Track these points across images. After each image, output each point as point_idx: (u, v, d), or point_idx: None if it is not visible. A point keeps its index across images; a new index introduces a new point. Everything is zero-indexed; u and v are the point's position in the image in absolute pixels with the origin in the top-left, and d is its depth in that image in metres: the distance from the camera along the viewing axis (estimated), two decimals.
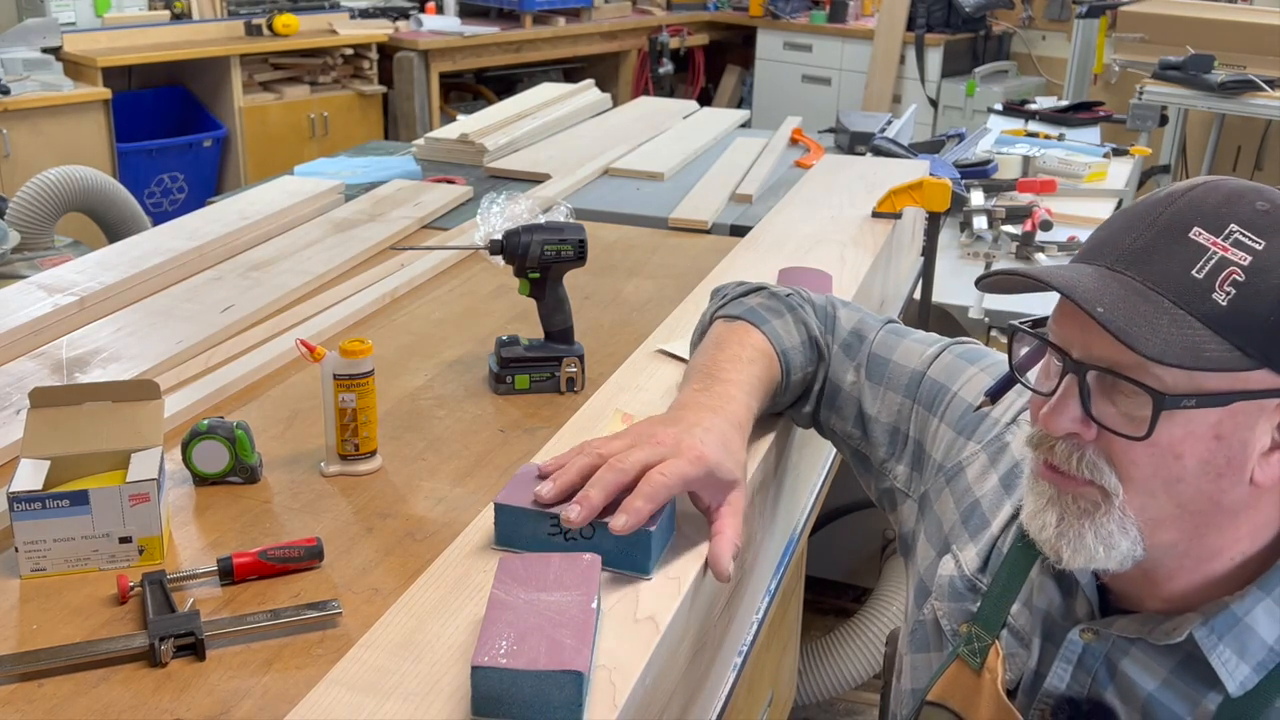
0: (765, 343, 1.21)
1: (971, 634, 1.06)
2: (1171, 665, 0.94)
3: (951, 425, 1.17)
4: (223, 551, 1.09)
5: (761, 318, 1.23)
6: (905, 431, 1.21)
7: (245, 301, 1.70)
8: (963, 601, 1.09)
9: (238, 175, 5.03)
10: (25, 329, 1.56)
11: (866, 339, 1.25)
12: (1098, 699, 0.98)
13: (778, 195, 2.28)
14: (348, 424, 1.25)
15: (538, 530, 0.99)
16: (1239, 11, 5.02)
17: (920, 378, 1.21)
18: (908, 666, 1.17)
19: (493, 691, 0.81)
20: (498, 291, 1.81)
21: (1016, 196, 3.01)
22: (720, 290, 1.34)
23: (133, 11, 4.98)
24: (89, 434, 1.12)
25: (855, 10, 6.54)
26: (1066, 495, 0.91)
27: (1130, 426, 0.87)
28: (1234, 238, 0.86)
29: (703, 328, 1.31)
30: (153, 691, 0.93)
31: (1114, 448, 0.89)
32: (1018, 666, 1.03)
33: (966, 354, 1.21)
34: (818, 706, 2.68)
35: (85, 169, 3.29)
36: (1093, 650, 0.98)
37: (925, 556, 1.17)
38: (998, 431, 1.14)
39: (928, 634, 1.13)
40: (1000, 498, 1.10)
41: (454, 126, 2.82)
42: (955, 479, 1.15)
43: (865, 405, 1.23)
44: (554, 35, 5.98)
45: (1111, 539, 0.89)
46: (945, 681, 1.07)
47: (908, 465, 1.21)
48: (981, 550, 1.09)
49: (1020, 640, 1.04)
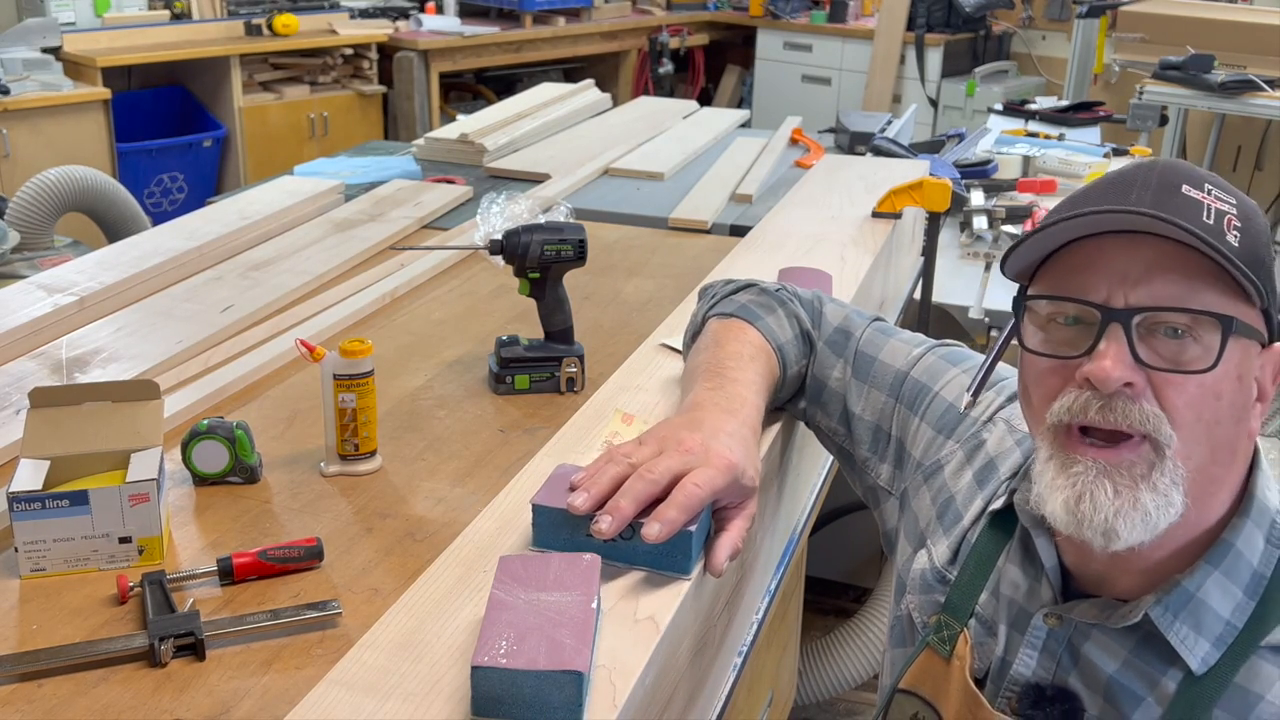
0: (761, 339, 1.22)
1: (941, 622, 1.07)
2: (1130, 646, 0.95)
3: (931, 424, 1.18)
4: (223, 551, 1.09)
5: (755, 314, 1.24)
6: (888, 430, 1.22)
7: (245, 301, 1.70)
8: (933, 593, 1.10)
9: (237, 175, 5.02)
10: (25, 329, 1.56)
11: (853, 335, 1.26)
12: (1062, 684, 0.98)
13: (778, 195, 2.28)
14: (348, 424, 1.25)
15: (576, 532, 0.98)
16: (1239, 11, 5.02)
17: (904, 377, 1.21)
18: (887, 662, 1.19)
19: (493, 691, 0.81)
20: (498, 291, 1.81)
21: (1016, 196, 3.01)
22: (709, 289, 1.35)
23: (133, 11, 4.98)
24: (89, 434, 1.12)
25: (855, 10, 6.54)
26: (1118, 465, 0.89)
27: (1192, 362, 0.87)
28: (1214, 194, 0.90)
29: (695, 328, 1.31)
30: (153, 692, 0.93)
31: (1164, 393, 0.88)
32: (986, 655, 1.04)
33: (949, 355, 1.22)
34: (818, 706, 2.68)
35: (85, 169, 3.29)
36: (1056, 635, 0.99)
37: (904, 553, 1.18)
38: (975, 429, 1.14)
39: (904, 628, 1.15)
40: (973, 492, 1.11)
41: (454, 126, 2.83)
42: (933, 476, 1.16)
43: (850, 402, 1.24)
44: (554, 35, 5.98)
45: (1169, 494, 0.88)
46: (915, 670, 1.08)
47: (890, 464, 1.22)
48: (952, 543, 1.10)
49: (987, 628, 1.04)
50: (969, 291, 2.65)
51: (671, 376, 1.41)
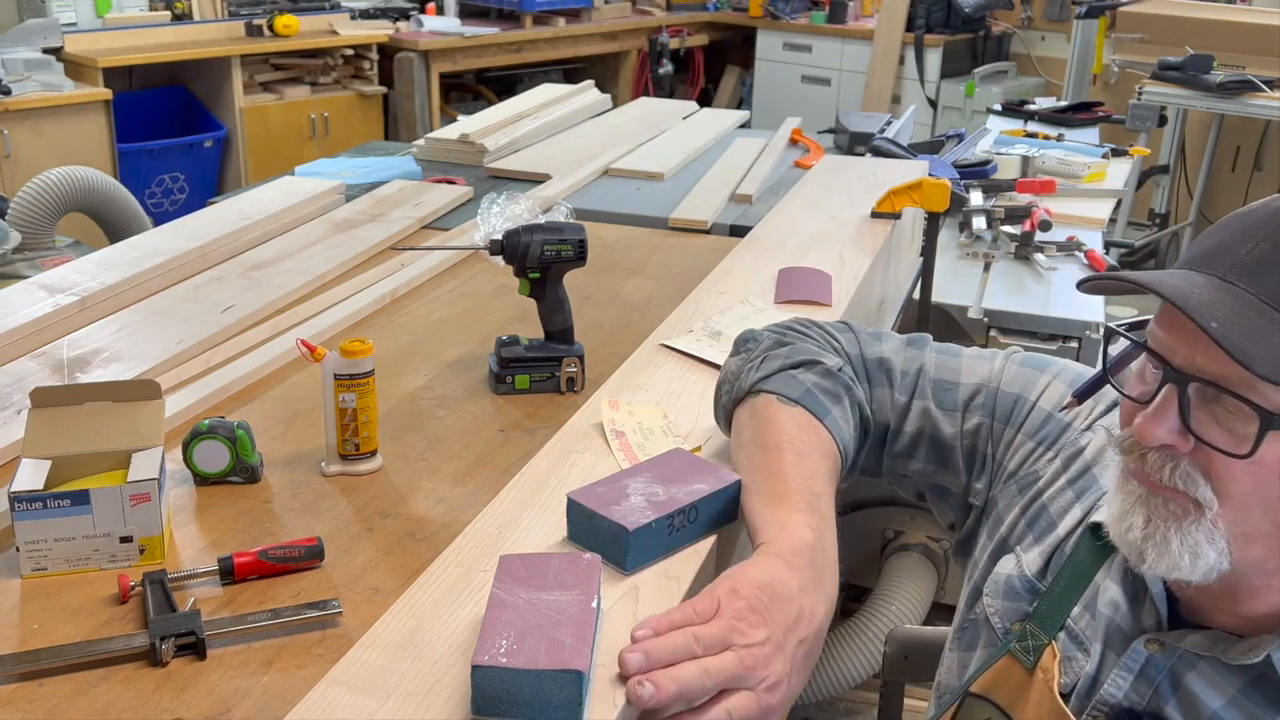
0: (830, 442, 1.12)
1: (1026, 631, 1.04)
2: (1241, 685, 0.92)
3: (1030, 435, 1.14)
4: (223, 551, 1.09)
5: (823, 407, 1.13)
6: (983, 450, 1.17)
7: (245, 301, 1.70)
8: (1019, 601, 1.07)
9: (238, 175, 5.03)
10: (26, 329, 1.56)
11: (925, 371, 1.20)
12: (1157, 712, 0.96)
13: (778, 195, 2.29)
14: (348, 424, 1.25)
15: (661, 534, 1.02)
16: (1239, 11, 5.02)
17: (995, 393, 1.17)
18: (952, 663, 1.15)
19: (493, 691, 0.81)
20: (498, 291, 1.81)
21: (1016, 197, 3.01)
22: (749, 342, 1.23)
23: (133, 12, 4.98)
24: (90, 434, 1.12)
25: (855, 10, 6.54)
26: (1157, 498, 0.88)
27: (1231, 443, 0.84)
28: None
29: (737, 391, 1.17)
30: (153, 691, 0.93)
31: (1213, 462, 0.86)
32: (1074, 671, 1.01)
33: (1030, 361, 1.19)
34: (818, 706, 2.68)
35: (86, 169, 3.29)
36: (1157, 662, 0.96)
37: (983, 558, 1.14)
38: (1073, 437, 1.11)
39: (978, 631, 1.11)
40: (1070, 502, 1.08)
41: (454, 127, 2.83)
42: (1028, 487, 1.12)
43: (941, 434, 1.18)
44: (554, 36, 5.98)
45: (1199, 548, 0.87)
46: (992, 675, 1.05)
47: (985, 480, 1.18)
48: (1044, 552, 1.07)
49: (1078, 644, 1.02)
50: (968, 291, 2.65)
51: (672, 376, 1.41)
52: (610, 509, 1.01)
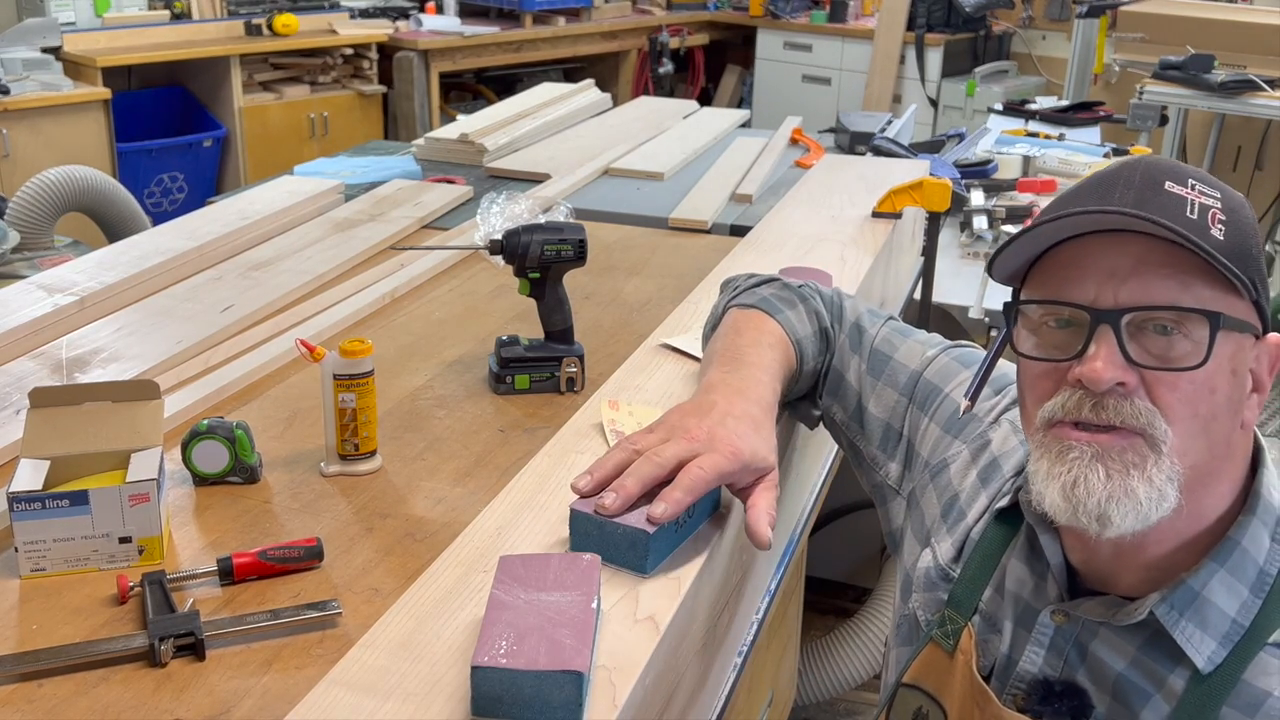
0: (780, 331, 1.24)
1: (944, 617, 1.07)
2: (1138, 644, 0.95)
3: (940, 424, 1.19)
4: (223, 551, 1.09)
5: (776, 307, 1.26)
6: (898, 429, 1.23)
7: (245, 301, 1.70)
8: (936, 590, 1.10)
9: (238, 175, 5.03)
10: (25, 329, 1.56)
11: (868, 333, 1.28)
12: (1070, 680, 0.99)
13: (778, 195, 2.29)
14: (348, 424, 1.25)
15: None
16: (1239, 11, 5.02)
17: (917, 377, 1.23)
18: (892, 661, 1.19)
19: (493, 691, 0.81)
20: (498, 291, 1.81)
21: (1017, 196, 3.01)
22: (731, 281, 1.38)
23: (133, 11, 4.98)
24: (89, 434, 1.12)
25: (855, 10, 6.54)
26: (1113, 450, 0.88)
27: (1182, 359, 0.87)
28: (1197, 189, 0.90)
29: (715, 318, 1.33)
30: (152, 691, 0.93)
31: (1156, 390, 0.88)
32: (990, 651, 1.04)
33: (962, 357, 1.24)
34: (818, 706, 2.69)
35: (85, 169, 3.29)
36: (1064, 632, 0.99)
37: (911, 553, 1.18)
38: (981, 430, 1.16)
39: (910, 627, 1.15)
40: (977, 491, 1.12)
41: (454, 126, 2.82)
42: (938, 475, 1.17)
43: (864, 398, 1.26)
44: (554, 35, 5.98)
45: (1164, 490, 0.88)
46: (919, 665, 1.09)
47: (899, 463, 1.24)
48: (955, 541, 1.11)
49: (991, 625, 1.05)
50: (969, 291, 2.65)
51: (672, 376, 1.41)
52: (623, 515, 1.00)
